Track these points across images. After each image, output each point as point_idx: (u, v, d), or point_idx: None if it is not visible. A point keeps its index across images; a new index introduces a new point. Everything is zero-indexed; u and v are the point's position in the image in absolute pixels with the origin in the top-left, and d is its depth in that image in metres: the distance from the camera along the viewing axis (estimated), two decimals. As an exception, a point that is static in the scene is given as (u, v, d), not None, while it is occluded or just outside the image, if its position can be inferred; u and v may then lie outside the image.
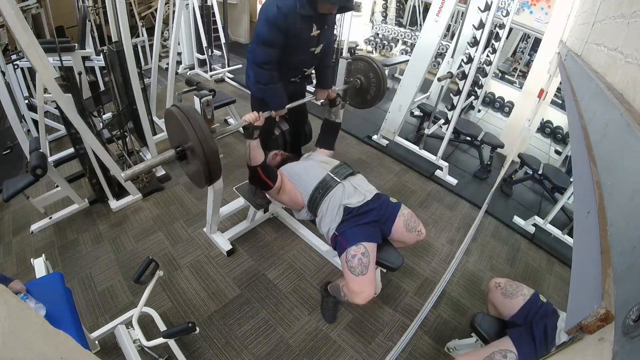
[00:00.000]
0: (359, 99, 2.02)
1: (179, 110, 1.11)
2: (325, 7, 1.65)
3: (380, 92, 1.90)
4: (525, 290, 1.45)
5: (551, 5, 3.66)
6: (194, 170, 1.21)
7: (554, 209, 2.57)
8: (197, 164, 1.11)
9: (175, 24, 2.79)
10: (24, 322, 0.40)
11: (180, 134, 1.15)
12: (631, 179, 0.48)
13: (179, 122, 1.09)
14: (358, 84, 1.94)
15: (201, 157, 1.08)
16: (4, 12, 1.52)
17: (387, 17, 6.23)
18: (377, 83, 1.88)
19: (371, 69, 1.87)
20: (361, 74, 1.93)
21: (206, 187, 1.35)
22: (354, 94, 2.01)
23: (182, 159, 1.20)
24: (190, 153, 1.14)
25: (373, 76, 1.88)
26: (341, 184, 1.63)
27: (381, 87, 1.88)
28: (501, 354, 1.21)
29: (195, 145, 1.08)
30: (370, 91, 1.93)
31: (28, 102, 3.00)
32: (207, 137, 1.08)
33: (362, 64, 1.89)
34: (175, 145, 1.20)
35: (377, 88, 1.90)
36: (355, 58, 1.94)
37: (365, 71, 1.90)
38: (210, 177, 1.14)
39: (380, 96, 1.92)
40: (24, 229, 2.23)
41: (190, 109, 1.13)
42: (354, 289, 1.46)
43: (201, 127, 1.08)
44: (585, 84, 1.09)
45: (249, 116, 1.55)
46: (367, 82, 1.92)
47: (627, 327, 0.33)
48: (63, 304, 1.30)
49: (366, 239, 1.52)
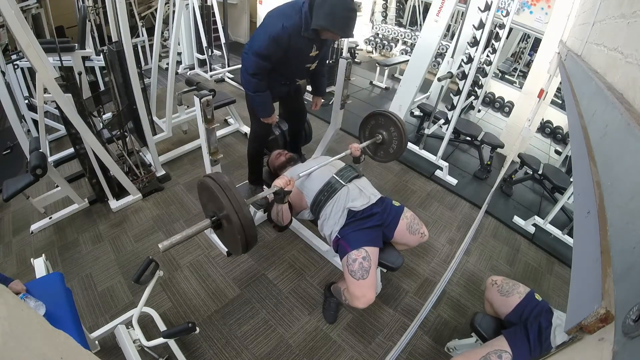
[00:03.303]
0: (382, 154, 2.08)
1: (213, 181, 1.14)
2: (328, 34, 1.70)
3: (402, 145, 1.94)
4: (521, 289, 1.46)
5: (551, 5, 3.66)
6: (230, 238, 1.23)
7: (554, 209, 2.57)
8: (233, 233, 1.14)
9: (175, 24, 2.79)
10: (24, 322, 0.40)
11: (214, 203, 1.18)
12: (631, 179, 0.48)
13: (213, 193, 1.12)
14: (380, 139, 1.99)
15: (238, 227, 1.10)
16: (4, 12, 1.52)
17: (387, 17, 6.23)
18: (399, 137, 1.93)
19: (391, 123, 1.91)
20: (382, 129, 1.97)
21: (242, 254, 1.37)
22: (377, 148, 2.07)
23: (218, 228, 1.22)
24: (226, 222, 1.17)
25: (394, 130, 1.93)
26: (346, 187, 1.62)
27: (402, 140, 1.92)
28: (496, 355, 1.21)
29: (230, 215, 1.10)
30: (392, 145, 1.98)
31: (28, 102, 3.00)
32: (242, 206, 1.10)
33: (382, 119, 1.94)
34: (210, 214, 1.22)
35: (398, 142, 1.95)
36: (374, 113, 1.97)
37: (386, 126, 1.95)
38: (247, 245, 1.16)
39: (403, 149, 1.96)
40: (24, 229, 2.23)
41: (223, 179, 1.15)
42: (355, 293, 1.46)
43: (236, 198, 1.10)
44: (585, 84, 1.09)
45: (279, 181, 1.46)
46: (389, 136, 1.97)
47: (627, 327, 0.33)
48: (63, 304, 1.30)
49: (368, 243, 1.52)
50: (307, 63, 1.86)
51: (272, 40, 1.61)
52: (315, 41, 1.73)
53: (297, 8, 1.62)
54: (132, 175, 2.53)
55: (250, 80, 1.75)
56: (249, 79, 1.74)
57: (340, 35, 1.69)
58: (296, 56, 1.77)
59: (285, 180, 1.46)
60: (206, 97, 1.55)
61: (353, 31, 1.67)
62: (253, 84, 1.76)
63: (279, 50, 1.66)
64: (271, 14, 1.68)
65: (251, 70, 1.71)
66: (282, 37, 1.61)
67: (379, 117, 1.96)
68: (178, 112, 3.19)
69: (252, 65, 1.69)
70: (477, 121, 4.39)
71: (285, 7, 1.67)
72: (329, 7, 1.54)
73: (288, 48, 1.66)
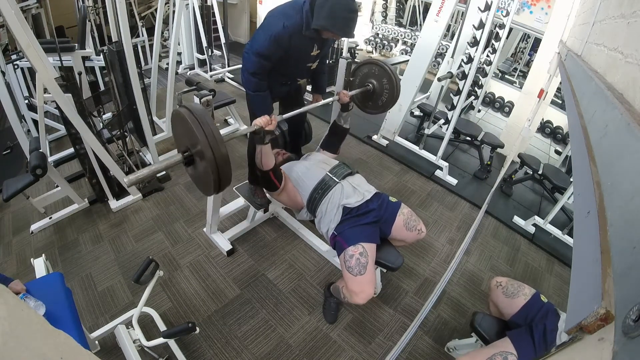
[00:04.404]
0: (370, 104, 2.01)
1: (188, 111, 1.04)
2: (329, 34, 1.70)
3: (394, 98, 1.89)
4: (527, 290, 1.45)
5: (551, 5, 3.66)
6: (201, 176, 1.13)
7: (554, 209, 2.57)
8: (205, 171, 1.05)
9: (175, 24, 2.79)
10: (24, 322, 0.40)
11: (188, 137, 1.07)
12: (631, 179, 0.48)
13: (188, 125, 1.02)
14: (371, 88, 1.92)
15: (211, 163, 1.01)
16: (4, 12, 1.52)
17: (387, 17, 6.23)
18: (390, 89, 1.87)
19: (385, 74, 1.86)
20: (374, 79, 1.91)
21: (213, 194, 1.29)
22: (366, 98, 1.98)
23: (190, 164, 1.13)
24: (199, 158, 1.07)
25: (386, 82, 1.87)
26: (340, 184, 1.63)
27: (394, 93, 1.87)
28: (502, 357, 1.21)
29: (204, 150, 1.00)
30: (382, 97, 1.92)
31: (28, 102, 3.00)
32: (218, 141, 1.00)
33: (375, 69, 1.88)
34: (182, 149, 1.12)
35: (389, 94, 1.89)
36: (368, 62, 1.91)
37: (379, 76, 1.89)
38: (220, 185, 1.07)
39: (394, 101, 1.90)
40: (24, 229, 2.23)
41: (200, 111, 1.05)
42: (353, 289, 1.46)
43: (212, 131, 1.01)
44: (585, 84, 1.09)
45: (259, 120, 1.44)
46: (380, 87, 1.90)
47: (627, 327, 0.33)
48: (63, 304, 1.30)
49: (365, 239, 1.52)
50: (308, 62, 1.86)
51: (273, 40, 1.61)
52: (317, 40, 1.74)
53: (298, 7, 1.63)
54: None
55: (250, 80, 1.75)
56: (250, 78, 1.74)
57: (340, 36, 1.70)
58: (297, 55, 1.77)
59: (266, 120, 1.43)
60: (206, 97, 1.54)
61: (354, 32, 1.68)
62: (253, 84, 1.76)
63: (280, 49, 1.66)
64: (272, 14, 1.69)
65: (252, 70, 1.71)
66: (283, 36, 1.61)
67: (372, 65, 1.88)
68: (178, 112, 3.18)
69: (253, 64, 1.70)
70: (477, 121, 4.39)
71: (286, 6, 1.67)
72: (330, 8, 1.54)
73: (289, 47, 1.66)
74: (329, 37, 1.74)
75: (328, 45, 1.91)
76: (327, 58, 2.25)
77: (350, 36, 1.67)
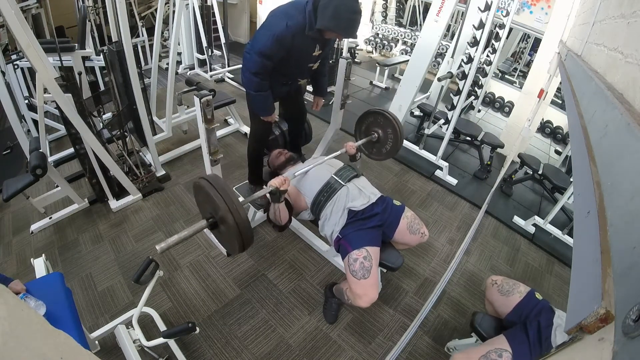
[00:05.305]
0: (374, 151, 2.06)
1: (207, 182, 1.14)
2: (332, 35, 1.70)
3: (397, 147, 1.93)
4: (522, 288, 1.46)
5: (551, 5, 3.66)
6: (226, 239, 1.24)
7: (554, 209, 2.57)
8: (230, 234, 1.14)
9: (175, 24, 2.79)
10: (24, 322, 0.40)
11: (211, 205, 1.18)
12: (631, 179, 0.48)
13: (209, 195, 1.12)
14: (375, 137, 1.97)
15: (234, 229, 1.10)
16: (4, 12, 1.52)
17: (387, 17, 6.23)
18: (394, 139, 1.91)
19: (389, 124, 1.90)
20: (379, 128, 1.96)
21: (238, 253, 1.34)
22: (371, 145, 2.05)
23: (214, 228, 1.23)
24: (222, 224, 1.17)
25: (391, 132, 1.91)
26: (345, 187, 1.62)
27: (398, 143, 1.91)
28: (496, 353, 1.22)
29: (226, 217, 1.09)
30: (387, 145, 1.97)
31: (28, 102, 3.00)
32: (237, 208, 1.09)
33: (381, 119, 1.93)
34: (206, 215, 1.22)
35: (393, 144, 1.93)
36: (374, 111, 1.94)
37: (383, 126, 1.93)
38: (244, 246, 1.17)
39: (397, 151, 1.95)
40: (24, 229, 2.23)
41: (219, 181, 1.15)
42: (357, 293, 1.46)
43: (232, 199, 1.09)
44: (585, 84, 1.09)
45: (274, 181, 1.45)
46: (384, 136, 1.95)
47: (627, 327, 0.33)
48: (63, 304, 1.30)
49: (369, 243, 1.52)
50: (310, 62, 1.86)
51: (276, 39, 1.61)
52: (319, 40, 1.74)
53: (301, 8, 1.63)
54: (132, 175, 2.53)
55: (252, 80, 1.74)
56: (251, 78, 1.74)
57: (344, 36, 1.71)
58: (299, 55, 1.77)
59: (281, 180, 1.46)
60: (206, 97, 1.55)
61: (357, 32, 1.68)
62: (255, 84, 1.76)
63: (282, 49, 1.66)
64: (274, 14, 1.68)
65: (254, 70, 1.71)
66: (285, 36, 1.61)
67: (376, 115, 1.94)
68: (178, 112, 3.19)
69: (254, 64, 1.69)
70: (477, 121, 4.39)
71: (288, 6, 1.67)
72: (334, 9, 1.54)
73: (291, 47, 1.66)
74: (332, 37, 1.75)
75: (329, 46, 1.92)
76: (328, 59, 2.25)
77: (353, 37, 1.68)
